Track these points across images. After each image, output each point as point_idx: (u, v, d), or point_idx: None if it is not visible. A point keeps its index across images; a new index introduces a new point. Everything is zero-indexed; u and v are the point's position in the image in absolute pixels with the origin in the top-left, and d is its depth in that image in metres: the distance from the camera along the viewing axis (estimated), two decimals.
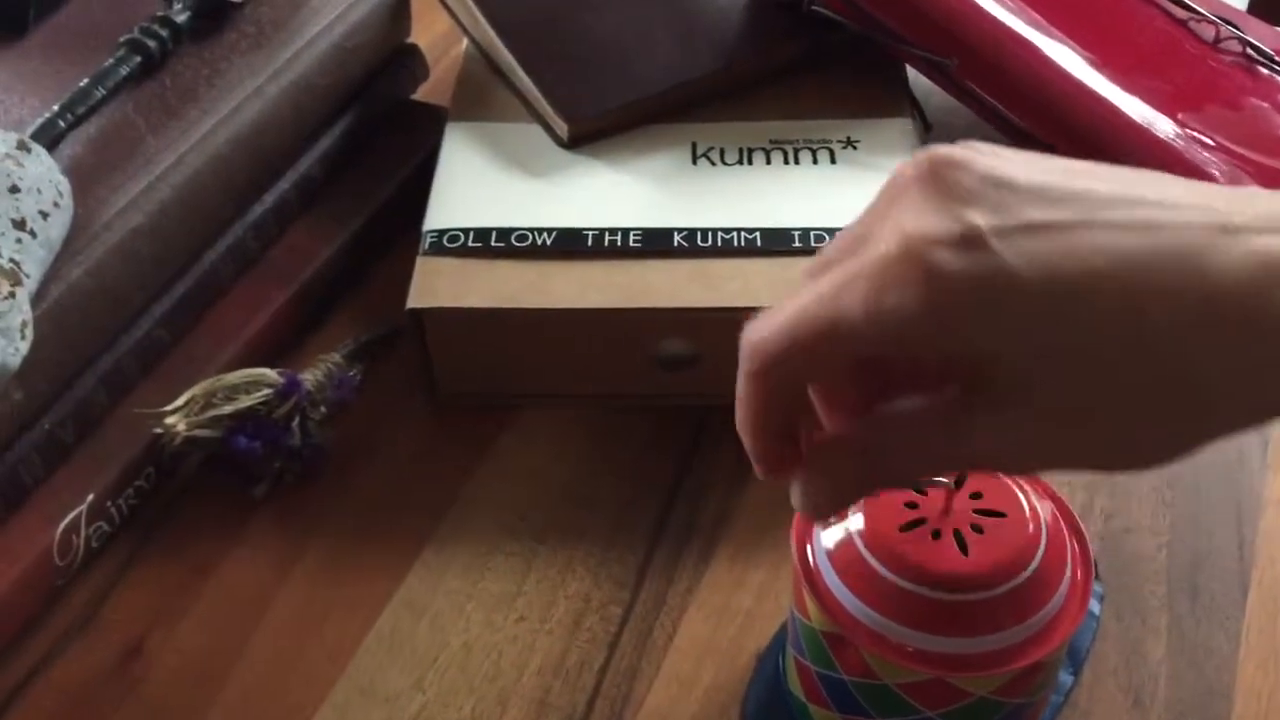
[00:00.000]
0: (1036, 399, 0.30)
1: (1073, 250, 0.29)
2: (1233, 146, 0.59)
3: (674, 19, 0.62)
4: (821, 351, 0.31)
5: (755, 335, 0.33)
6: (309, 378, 0.53)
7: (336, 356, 0.55)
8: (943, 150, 0.31)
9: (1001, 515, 0.39)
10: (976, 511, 0.39)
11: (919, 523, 0.39)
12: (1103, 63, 0.59)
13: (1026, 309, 0.29)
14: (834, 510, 0.36)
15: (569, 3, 0.62)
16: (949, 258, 0.29)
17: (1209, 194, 0.31)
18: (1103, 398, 0.30)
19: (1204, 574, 0.49)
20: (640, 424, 0.55)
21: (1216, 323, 0.29)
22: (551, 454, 0.54)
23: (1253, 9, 1.36)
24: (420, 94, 0.67)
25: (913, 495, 0.40)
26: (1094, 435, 0.31)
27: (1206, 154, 0.57)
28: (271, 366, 0.52)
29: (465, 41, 0.65)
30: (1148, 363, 0.29)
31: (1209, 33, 0.66)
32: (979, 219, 0.29)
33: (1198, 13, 0.66)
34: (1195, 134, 0.57)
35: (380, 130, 0.64)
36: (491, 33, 0.61)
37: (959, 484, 0.40)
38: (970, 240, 0.29)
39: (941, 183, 0.30)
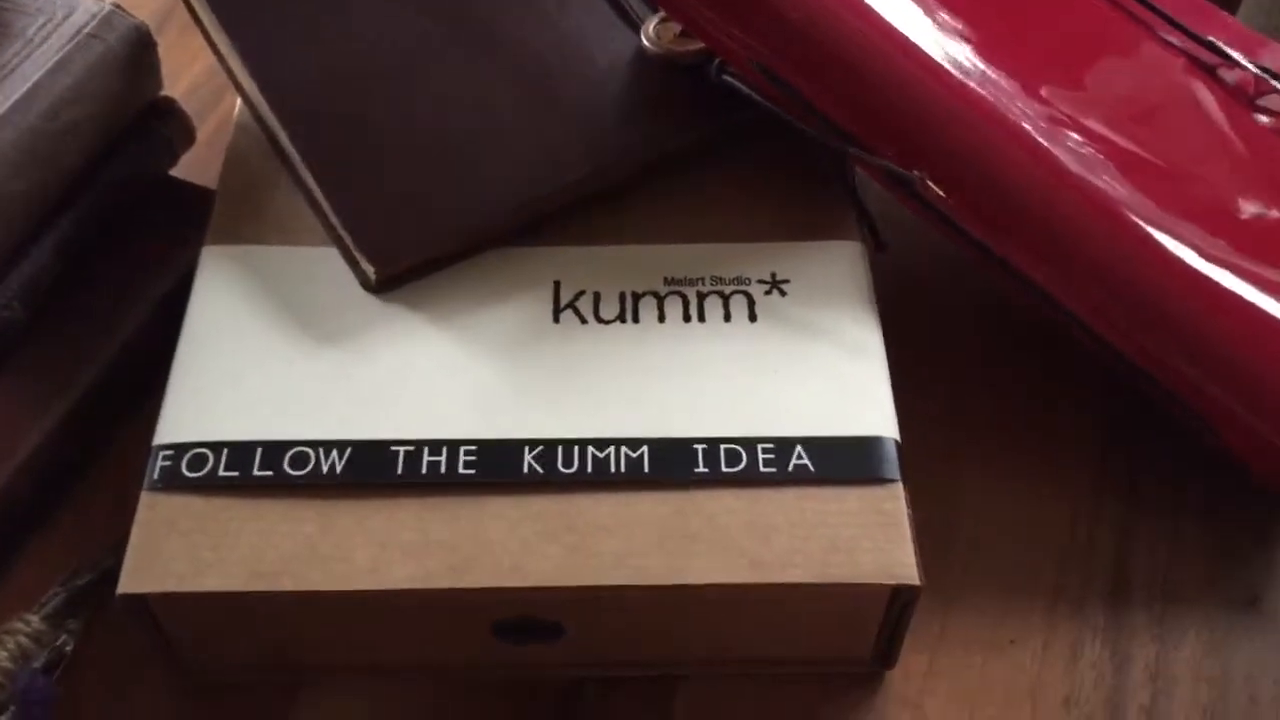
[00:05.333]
0: None
1: None
2: None
3: (533, 100, 0.43)
4: None
5: None
6: None
7: (34, 621, 0.38)
8: None
9: None
10: None
11: None
12: (1135, 160, 0.43)
13: None
14: None
15: (382, 77, 0.43)
16: None
17: None
18: None
19: None
20: (480, 706, 0.38)
21: None
22: None
23: None
24: (183, 166, 0.48)
25: None
26: None
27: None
28: None
29: (240, 102, 0.46)
30: None
31: (1243, 85, 0.50)
32: None
33: (1229, 58, 0.50)
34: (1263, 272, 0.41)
35: (118, 234, 0.45)
36: (271, 116, 0.42)
37: None
38: None
39: None
